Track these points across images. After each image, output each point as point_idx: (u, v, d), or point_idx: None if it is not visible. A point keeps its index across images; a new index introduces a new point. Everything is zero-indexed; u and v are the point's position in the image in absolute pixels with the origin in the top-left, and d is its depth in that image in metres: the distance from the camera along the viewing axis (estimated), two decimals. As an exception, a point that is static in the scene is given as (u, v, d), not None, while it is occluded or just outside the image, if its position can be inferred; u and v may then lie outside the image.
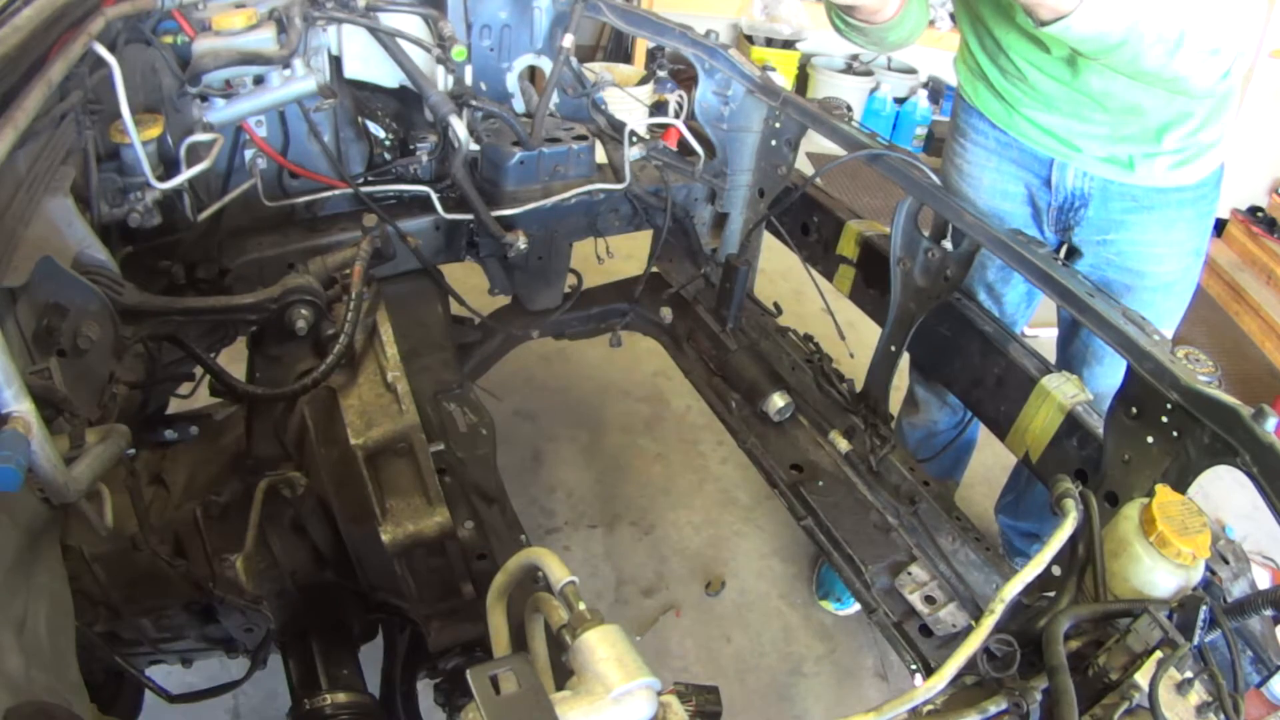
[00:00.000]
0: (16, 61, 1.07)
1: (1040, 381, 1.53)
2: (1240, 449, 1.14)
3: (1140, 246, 1.74)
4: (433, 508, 1.27)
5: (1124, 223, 1.73)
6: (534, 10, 1.96)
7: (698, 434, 2.97)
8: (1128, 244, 1.75)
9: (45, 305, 1.14)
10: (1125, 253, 1.76)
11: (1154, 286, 1.78)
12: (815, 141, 2.14)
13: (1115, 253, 1.77)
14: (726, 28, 5.19)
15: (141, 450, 1.40)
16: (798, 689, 2.26)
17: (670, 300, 2.26)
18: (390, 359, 1.34)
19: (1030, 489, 2.35)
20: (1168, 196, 1.69)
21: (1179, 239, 1.74)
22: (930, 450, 2.20)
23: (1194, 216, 1.74)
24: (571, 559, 2.48)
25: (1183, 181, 1.68)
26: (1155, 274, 1.77)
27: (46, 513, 0.93)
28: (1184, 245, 1.76)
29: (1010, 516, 2.45)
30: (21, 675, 0.80)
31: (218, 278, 1.66)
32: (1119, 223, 1.73)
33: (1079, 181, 1.72)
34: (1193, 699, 0.90)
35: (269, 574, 1.32)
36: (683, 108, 2.26)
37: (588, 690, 0.83)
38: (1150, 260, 1.75)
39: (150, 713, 1.45)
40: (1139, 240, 1.74)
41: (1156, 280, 1.78)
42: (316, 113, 1.76)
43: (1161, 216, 1.71)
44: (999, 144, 1.80)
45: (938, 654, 1.47)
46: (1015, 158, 1.80)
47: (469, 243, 1.98)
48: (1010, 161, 1.81)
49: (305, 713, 1.29)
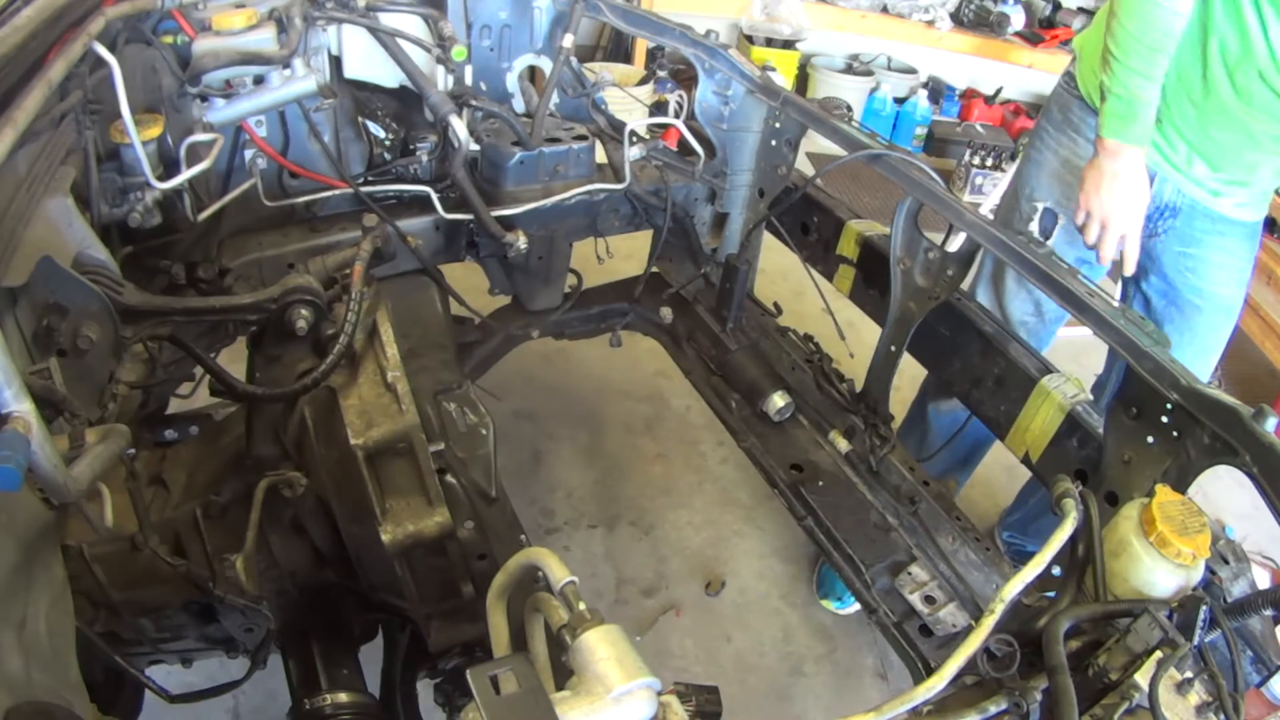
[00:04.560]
0: (16, 61, 1.07)
1: (1040, 381, 1.53)
2: (1240, 449, 1.14)
3: (1213, 268, 1.91)
4: (433, 508, 1.27)
5: (1204, 241, 1.89)
6: (534, 10, 1.96)
7: (698, 434, 2.97)
8: (1203, 262, 1.91)
9: (45, 305, 1.14)
10: (1198, 270, 1.92)
11: (1218, 308, 1.95)
12: (815, 141, 2.14)
13: (1190, 268, 1.92)
14: (726, 28, 5.19)
15: (141, 450, 1.40)
16: (798, 689, 2.25)
17: (670, 300, 2.26)
18: (390, 359, 1.34)
19: (1039, 516, 2.37)
20: (1236, 227, 1.88)
21: (1238, 265, 1.94)
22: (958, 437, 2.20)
23: (1249, 250, 1.93)
24: (571, 559, 2.48)
25: (1246, 217, 1.88)
26: (1220, 296, 1.94)
27: (46, 513, 0.93)
28: (1242, 273, 1.95)
29: (1017, 534, 2.47)
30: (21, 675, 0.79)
31: (218, 278, 1.66)
32: (1199, 240, 1.89)
33: (1173, 196, 1.86)
34: (1193, 699, 0.90)
35: (269, 574, 1.32)
36: (683, 108, 2.27)
37: (588, 690, 0.83)
38: (1218, 281, 1.92)
39: (150, 713, 1.45)
40: (1213, 261, 1.90)
41: (1220, 302, 1.94)
42: (316, 113, 1.76)
43: (1230, 244, 1.90)
44: None
45: (938, 654, 1.47)
46: None
47: (469, 243, 1.98)
48: None
49: (305, 713, 1.29)
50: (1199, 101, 1.72)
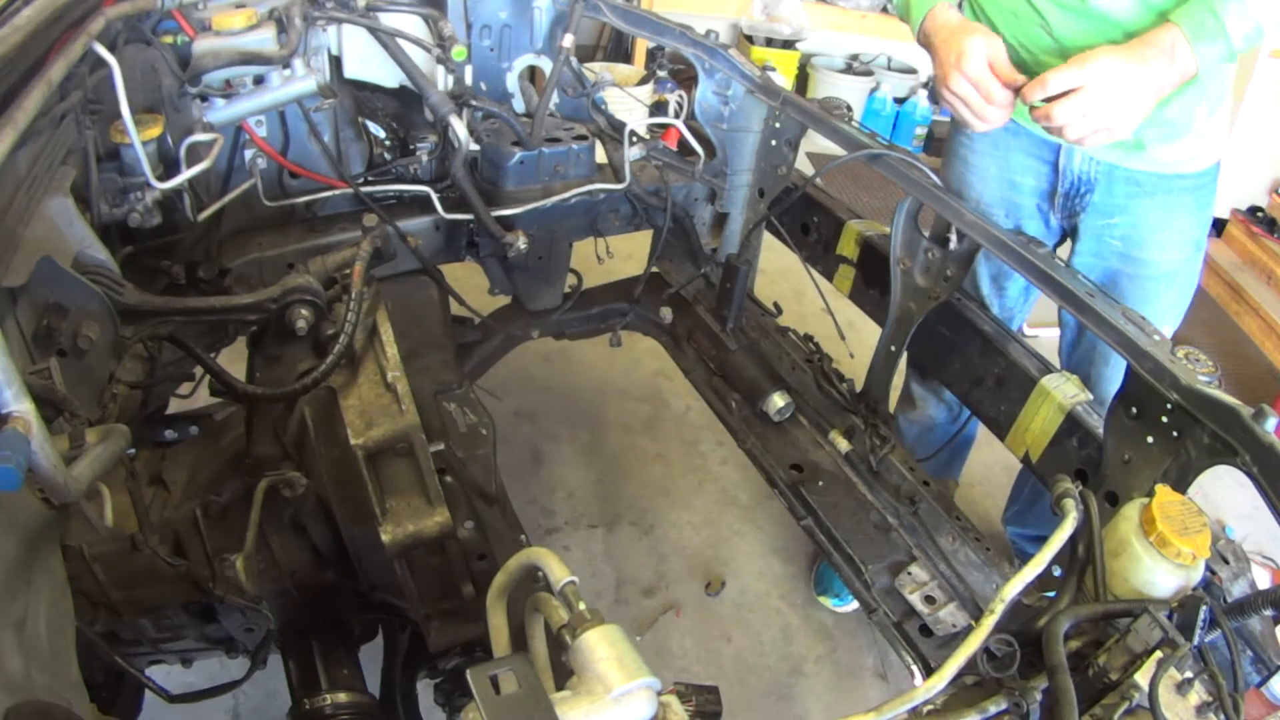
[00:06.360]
0: (16, 61, 1.07)
1: (1040, 381, 1.53)
2: (1240, 449, 1.14)
3: (1143, 231, 1.77)
4: (433, 508, 1.26)
5: (1127, 207, 1.76)
6: (534, 10, 1.96)
7: (698, 434, 2.97)
8: (1130, 228, 1.77)
9: (45, 305, 1.14)
10: (1128, 237, 1.78)
11: (1155, 275, 1.80)
12: (815, 141, 2.14)
13: (1118, 237, 1.79)
14: (726, 28, 5.19)
15: (141, 450, 1.40)
16: (798, 689, 2.26)
17: (670, 300, 2.26)
18: (390, 359, 1.34)
19: (1035, 501, 2.36)
20: (1169, 183, 1.72)
21: (1180, 226, 1.78)
22: (928, 446, 2.20)
23: (1193, 205, 1.77)
24: (571, 559, 2.48)
25: (1184, 170, 1.72)
26: (1157, 262, 1.79)
27: (46, 513, 0.93)
28: (1185, 234, 1.79)
29: (1018, 525, 2.47)
30: (21, 675, 0.79)
31: (218, 278, 1.66)
32: (1122, 207, 1.76)
33: (1085, 166, 1.75)
34: (1193, 699, 0.90)
35: (269, 574, 1.32)
36: (683, 108, 2.27)
37: (588, 690, 0.83)
38: (1152, 247, 1.78)
39: (150, 713, 1.45)
40: (1141, 225, 1.77)
41: (1158, 269, 1.80)
42: (316, 113, 1.76)
43: (1164, 202, 1.74)
44: (1007, 132, 1.80)
45: (938, 654, 1.47)
46: (1023, 146, 1.81)
47: (469, 243, 1.98)
48: (1018, 151, 1.82)
49: (305, 713, 1.29)
50: (1047, 32, 1.60)
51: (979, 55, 1.50)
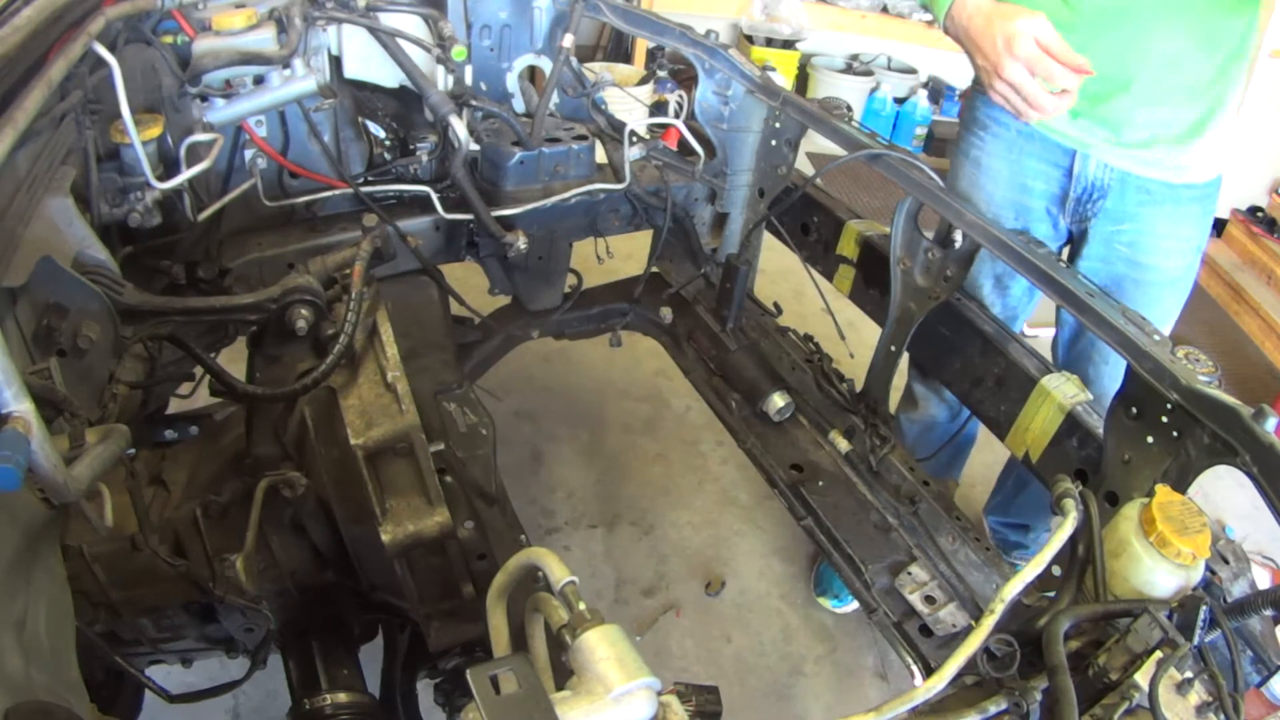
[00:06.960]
0: (16, 61, 1.07)
1: (1040, 381, 1.53)
2: (1240, 449, 1.14)
3: (1150, 238, 1.79)
4: (433, 508, 1.26)
5: (1137, 215, 1.78)
6: (534, 10, 1.96)
7: (698, 434, 2.97)
8: (1139, 235, 1.79)
9: (45, 305, 1.14)
10: (1136, 244, 1.80)
11: (1160, 281, 1.83)
12: (815, 141, 2.14)
13: (1126, 243, 1.81)
14: (726, 28, 5.20)
15: (141, 450, 1.40)
16: (798, 689, 2.25)
17: (670, 300, 2.26)
18: (390, 359, 1.34)
19: (1019, 493, 2.37)
20: (1178, 192, 1.75)
21: (1185, 234, 1.80)
22: (928, 446, 2.20)
23: (1199, 214, 1.80)
24: (571, 559, 2.48)
25: (1192, 179, 1.74)
26: (1162, 268, 1.82)
27: (46, 513, 0.93)
28: (1190, 241, 1.82)
29: (1000, 515, 2.49)
30: (21, 675, 0.79)
31: (218, 278, 1.66)
32: (1133, 214, 1.78)
33: (1100, 172, 1.76)
34: (1193, 699, 0.90)
35: (269, 574, 1.32)
36: (683, 108, 2.26)
37: (588, 690, 0.83)
38: (1159, 254, 1.80)
39: (150, 713, 1.45)
40: (1149, 232, 1.78)
41: (1163, 275, 1.82)
42: (316, 113, 1.75)
43: (1172, 211, 1.76)
44: (1021, 136, 1.81)
45: (938, 654, 1.47)
46: (1038, 150, 1.81)
47: (469, 243, 1.98)
48: (1032, 155, 1.82)
49: (305, 713, 1.29)
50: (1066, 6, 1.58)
51: (1029, 37, 1.41)
